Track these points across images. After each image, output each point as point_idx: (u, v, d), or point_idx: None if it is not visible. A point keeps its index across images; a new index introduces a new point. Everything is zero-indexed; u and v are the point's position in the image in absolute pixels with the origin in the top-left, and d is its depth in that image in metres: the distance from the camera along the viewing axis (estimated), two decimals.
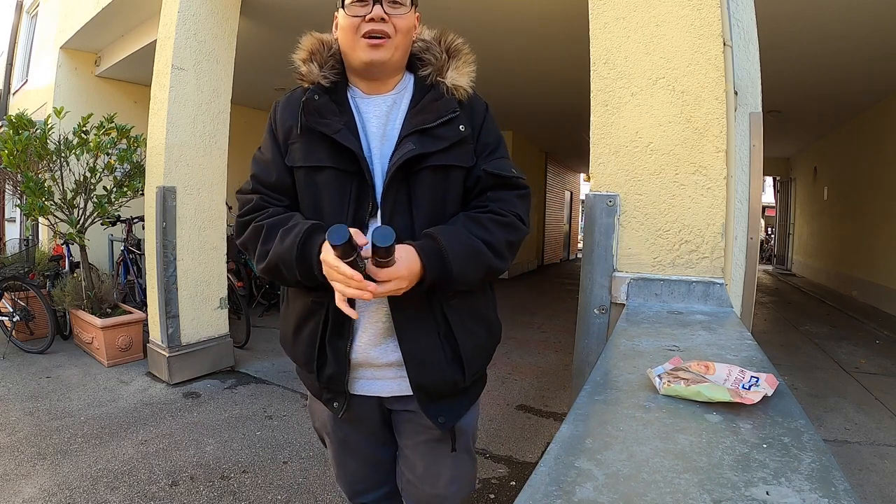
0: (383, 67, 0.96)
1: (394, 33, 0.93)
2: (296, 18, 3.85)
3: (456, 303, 0.97)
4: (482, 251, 0.91)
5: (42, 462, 2.22)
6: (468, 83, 1.00)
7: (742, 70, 1.54)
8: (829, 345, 4.43)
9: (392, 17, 0.92)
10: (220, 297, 3.51)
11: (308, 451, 2.40)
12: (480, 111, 1.03)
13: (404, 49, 0.97)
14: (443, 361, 0.96)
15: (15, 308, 3.88)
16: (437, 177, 0.95)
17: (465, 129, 0.96)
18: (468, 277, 0.90)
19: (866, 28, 3.69)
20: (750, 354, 0.94)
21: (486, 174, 0.98)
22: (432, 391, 0.97)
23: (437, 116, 0.94)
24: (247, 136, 6.93)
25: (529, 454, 2.43)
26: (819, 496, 0.48)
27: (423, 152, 0.92)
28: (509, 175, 0.99)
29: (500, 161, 1.00)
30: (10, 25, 7.27)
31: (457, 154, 0.96)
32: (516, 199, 0.99)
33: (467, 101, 1.00)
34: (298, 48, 1.04)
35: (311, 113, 0.96)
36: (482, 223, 0.93)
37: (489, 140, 1.01)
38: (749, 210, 1.56)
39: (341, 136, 0.93)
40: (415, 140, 0.93)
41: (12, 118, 3.53)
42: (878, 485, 2.12)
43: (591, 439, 0.61)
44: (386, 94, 1.01)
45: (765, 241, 13.21)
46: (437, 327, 0.96)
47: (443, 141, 0.94)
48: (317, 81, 0.99)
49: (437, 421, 0.99)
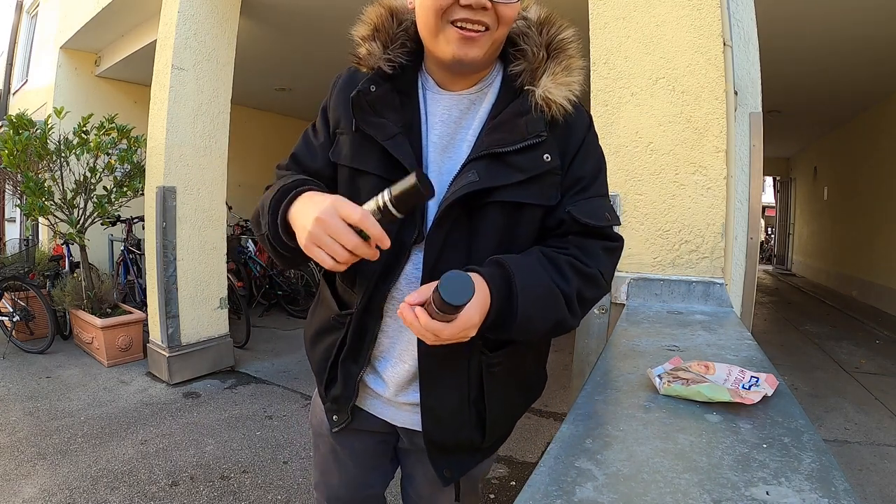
0: (473, 65, 0.76)
1: (495, 25, 0.71)
2: (296, 18, 3.85)
3: (500, 370, 0.82)
4: (557, 298, 0.72)
5: (42, 462, 2.22)
6: (567, 97, 0.76)
7: (742, 70, 1.54)
8: (829, 345, 4.43)
9: (498, 4, 0.69)
10: (220, 297, 3.51)
11: (308, 451, 2.39)
12: (579, 133, 0.79)
13: (501, 43, 0.76)
14: (465, 426, 0.84)
15: (15, 308, 3.88)
16: (506, 214, 0.76)
17: (552, 160, 0.75)
18: (532, 326, 0.70)
19: (866, 28, 3.69)
20: (750, 354, 0.94)
21: (572, 219, 0.77)
22: (445, 448, 0.86)
23: (517, 139, 0.74)
24: (247, 136, 6.96)
25: (529, 454, 2.43)
26: (819, 496, 0.48)
27: (488, 186, 0.73)
28: (599, 225, 0.78)
29: (592, 202, 0.79)
30: (10, 25, 7.27)
31: (536, 190, 0.76)
32: (602, 252, 0.78)
33: (563, 120, 0.76)
34: (360, 21, 0.82)
35: (364, 108, 0.78)
36: (560, 267, 0.74)
37: (584, 173, 0.79)
38: (749, 210, 1.56)
39: (393, 144, 0.76)
40: (483, 167, 0.74)
41: (12, 118, 3.53)
42: (878, 485, 2.12)
43: (591, 439, 0.61)
44: (463, 91, 0.80)
45: (765, 241, 13.21)
46: (467, 391, 0.82)
47: (518, 173, 0.74)
48: (377, 66, 0.79)
49: (441, 473, 0.87)
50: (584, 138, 0.80)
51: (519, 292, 0.68)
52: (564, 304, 0.72)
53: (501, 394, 0.84)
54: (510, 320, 0.69)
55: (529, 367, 0.90)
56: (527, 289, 0.69)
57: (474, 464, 0.90)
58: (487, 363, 0.81)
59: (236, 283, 4.31)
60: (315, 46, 4.41)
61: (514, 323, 0.69)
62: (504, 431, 0.91)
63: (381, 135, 0.77)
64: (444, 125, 0.80)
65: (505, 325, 0.70)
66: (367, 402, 0.91)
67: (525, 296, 0.69)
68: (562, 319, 0.73)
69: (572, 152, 0.79)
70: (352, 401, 0.89)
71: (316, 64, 4.87)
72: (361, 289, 0.82)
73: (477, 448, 0.88)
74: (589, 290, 0.76)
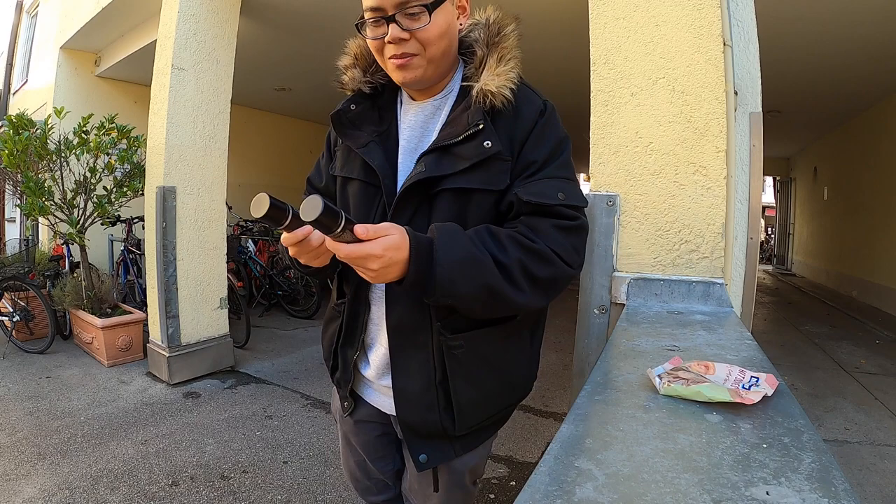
0: (420, 83, 0.86)
1: (421, 49, 0.81)
2: (296, 18, 3.85)
3: (462, 352, 0.84)
4: (485, 265, 0.74)
5: (42, 462, 2.22)
6: (504, 86, 0.81)
7: (742, 70, 1.54)
8: (829, 345, 4.43)
9: (414, 31, 0.79)
10: (220, 297, 3.51)
11: (308, 451, 2.40)
12: (529, 118, 0.83)
13: (441, 57, 0.84)
14: (433, 408, 0.87)
15: (15, 308, 3.88)
16: (458, 201, 0.82)
17: (493, 146, 0.80)
18: (456, 290, 0.73)
19: (866, 28, 3.69)
20: (750, 354, 0.94)
21: (520, 200, 0.80)
22: (416, 430, 0.90)
23: (461, 131, 0.81)
24: (247, 136, 6.96)
25: (529, 454, 2.43)
26: (819, 496, 0.48)
27: (434, 175, 0.81)
28: (549, 203, 0.80)
29: (541, 182, 0.81)
30: (10, 25, 7.27)
31: (481, 176, 0.81)
32: (554, 230, 0.79)
33: (511, 108, 0.82)
34: (343, 53, 0.95)
35: (345, 124, 0.91)
36: (499, 238, 0.77)
37: (536, 156, 0.82)
38: (749, 210, 1.56)
39: (366, 151, 0.88)
40: (432, 160, 0.82)
41: (12, 118, 3.53)
42: (878, 485, 2.12)
43: (591, 439, 0.61)
44: (428, 100, 0.90)
45: (765, 241, 13.21)
46: (433, 373, 0.86)
47: (463, 161, 0.80)
48: (358, 88, 0.92)
49: (417, 459, 0.90)
50: (534, 125, 0.83)
51: (438, 250, 0.72)
52: (497, 273, 0.74)
53: (468, 378, 0.86)
54: (430, 278, 0.72)
55: (505, 355, 0.90)
56: (447, 249, 0.72)
57: (452, 453, 0.92)
58: (448, 345, 0.84)
59: (236, 283, 4.31)
60: (315, 46, 4.42)
61: (435, 282, 0.72)
62: (478, 420, 0.90)
63: (356, 144, 0.89)
64: (411, 130, 0.91)
65: (427, 283, 0.73)
66: (362, 388, 1.01)
67: (444, 255, 0.72)
68: (493, 287, 0.74)
69: (521, 138, 0.83)
70: (350, 384, 0.98)
71: (316, 64, 4.87)
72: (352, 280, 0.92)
73: (451, 436, 0.90)
74: (538, 266, 0.77)
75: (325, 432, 2.60)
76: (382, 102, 0.94)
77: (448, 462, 0.94)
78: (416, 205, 0.84)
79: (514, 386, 0.95)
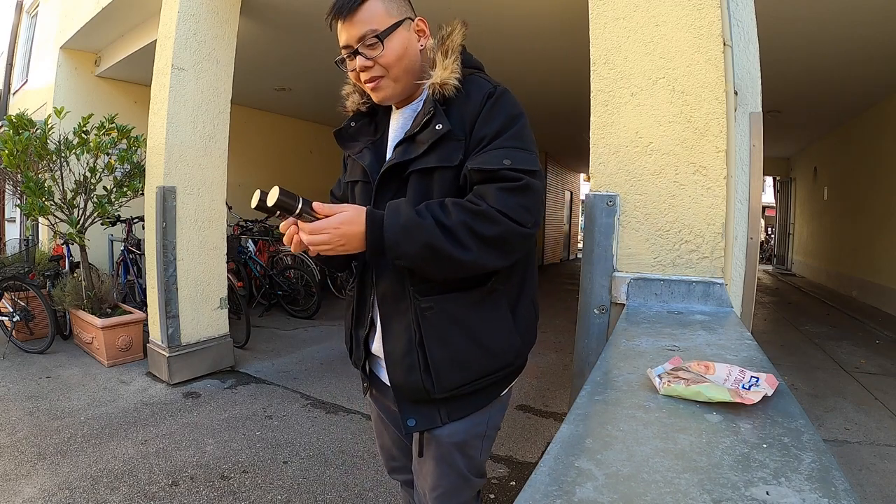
0: (394, 98, 1.01)
1: (385, 71, 0.97)
2: (296, 19, 3.85)
3: (432, 314, 0.94)
4: (426, 226, 0.85)
5: (42, 462, 2.22)
6: (449, 78, 0.95)
7: (742, 70, 1.54)
8: (829, 345, 4.43)
9: (376, 58, 0.95)
10: (220, 297, 3.51)
11: (308, 451, 2.40)
12: (477, 100, 0.94)
13: (405, 74, 0.98)
14: (415, 368, 0.96)
15: (15, 308, 3.88)
16: (424, 180, 0.95)
17: (443, 127, 0.92)
18: (402, 250, 0.86)
19: (866, 28, 3.69)
20: (750, 354, 0.94)
21: (470, 171, 0.91)
22: (404, 392, 0.99)
23: (420, 122, 0.95)
24: (247, 136, 6.96)
25: (529, 454, 2.43)
26: (819, 496, 0.48)
27: (400, 160, 0.95)
28: (492, 168, 0.88)
29: (489, 154, 0.90)
30: (10, 25, 7.27)
31: (437, 155, 0.93)
32: (498, 191, 0.87)
33: (460, 94, 0.95)
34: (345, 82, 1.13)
35: (346, 138, 1.11)
36: (444, 205, 0.88)
37: (486, 132, 0.92)
38: (749, 210, 1.56)
39: (361, 155, 1.05)
40: (400, 150, 0.97)
41: (12, 118, 3.53)
42: (878, 485, 2.12)
43: (591, 439, 0.61)
44: (405, 108, 1.06)
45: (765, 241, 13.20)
46: (413, 334, 0.96)
47: (422, 146, 0.93)
48: (357, 108, 1.11)
49: (406, 422, 1.00)
50: (483, 105, 0.94)
51: (385, 218, 0.86)
52: (438, 233, 0.85)
53: (439, 338, 0.95)
54: (381, 242, 0.86)
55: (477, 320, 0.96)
56: (392, 217, 0.86)
57: (437, 419, 0.99)
58: (419, 307, 0.95)
59: (236, 283, 4.31)
60: (315, 46, 4.41)
61: (384, 245, 0.86)
62: (458, 382, 0.96)
63: (353, 152, 1.08)
64: (395, 133, 1.06)
65: (382, 249, 0.87)
66: (376, 367, 1.10)
67: (389, 221, 0.86)
68: (433, 245, 0.84)
69: (472, 118, 0.94)
70: (362, 361, 1.09)
71: (316, 64, 4.87)
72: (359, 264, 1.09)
73: (434, 399, 0.97)
74: (483, 226, 0.86)
75: (325, 432, 2.60)
76: (379, 117, 1.11)
77: (434, 430, 1.00)
78: (394, 188, 0.98)
79: (492, 353, 0.98)
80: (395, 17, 0.96)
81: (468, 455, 1.04)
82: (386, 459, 1.27)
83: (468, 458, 1.04)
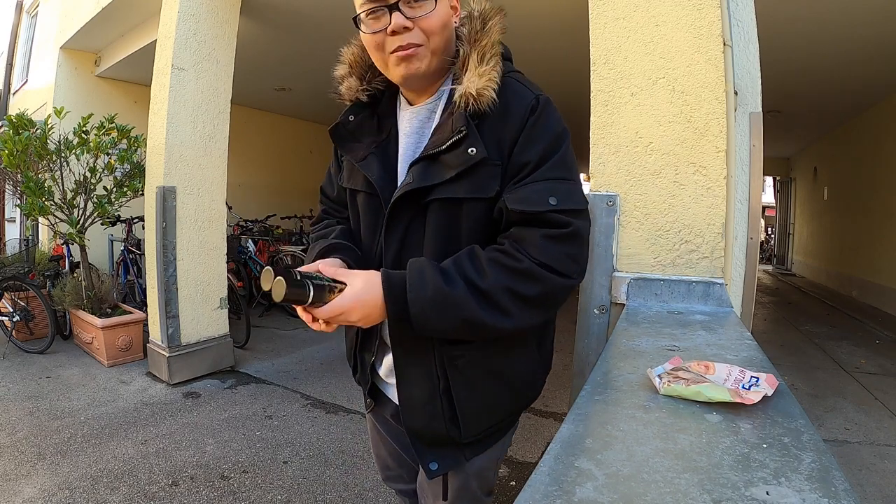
0: (423, 79, 0.82)
1: (425, 39, 0.78)
2: (296, 18, 3.85)
3: (463, 363, 0.82)
4: (458, 298, 0.72)
5: (42, 462, 2.22)
6: (485, 87, 0.76)
7: (742, 70, 1.54)
8: (829, 345, 4.42)
9: (418, 20, 0.76)
10: (220, 297, 3.51)
11: (308, 451, 2.40)
12: (518, 117, 0.78)
13: (444, 49, 0.81)
14: (438, 416, 0.85)
15: (15, 308, 3.88)
16: (449, 211, 0.79)
17: (478, 153, 0.75)
18: (433, 326, 0.74)
19: (866, 28, 3.69)
20: (750, 354, 0.94)
21: (507, 208, 0.76)
22: (423, 437, 0.89)
23: (446, 138, 0.77)
24: (247, 136, 6.96)
25: (529, 454, 2.43)
26: (819, 496, 0.48)
27: (421, 186, 0.78)
28: (537, 210, 0.74)
29: (531, 188, 0.76)
30: (10, 25, 7.27)
31: (468, 184, 0.77)
32: (542, 240, 0.74)
33: (497, 108, 0.77)
34: (338, 62, 0.92)
35: (344, 137, 0.90)
36: (478, 261, 0.75)
37: (528, 157, 0.77)
38: (749, 210, 1.56)
39: (366, 163, 0.87)
40: (419, 170, 0.80)
41: (12, 118, 3.53)
42: (878, 485, 2.12)
43: (591, 439, 0.61)
44: (423, 103, 0.87)
45: (765, 241, 13.20)
46: (437, 381, 0.84)
47: (449, 170, 0.77)
48: (356, 98, 0.90)
49: (427, 467, 0.88)
50: (524, 123, 0.77)
51: (409, 290, 0.73)
52: (474, 304, 0.73)
53: (471, 387, 0.85)
54: (405, 315, 0.74)
55: (510, 364, 0.88)
56: (417, 288, 0.73)
57: (462, 459, 0.90)
58: (449, 355, 0.83)
59: (236, 283, 4.31)
60: (315, 46, 4.42)
61: (411, 320, 0.74)
62: (486, 426, 0.89)
63: (355, 158, 0.88)
64: (408, 137, 0.88)
65: (408, 323, 0.75)
66: (383, 385, 1.01)
67: (416, 294, 0.73)
68: (470, 319, 0.73)
69: (511, 139, 0.78)
70: (368, 384, 1.00)
71: (316, 64, 4.87)
72: None
73: (458, 443, 0.88)
74: (526, 286, 0.74)
75: (325, 432, 2.60)
76: (381, 109, 0.92)
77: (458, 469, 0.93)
78: (409, 217, 0.82)
79: (520, 392, 0.92)
80: None
81: (484, 478, 1.00)
82: (381, 468, 1.19)
83: (483, 481, 1.00)
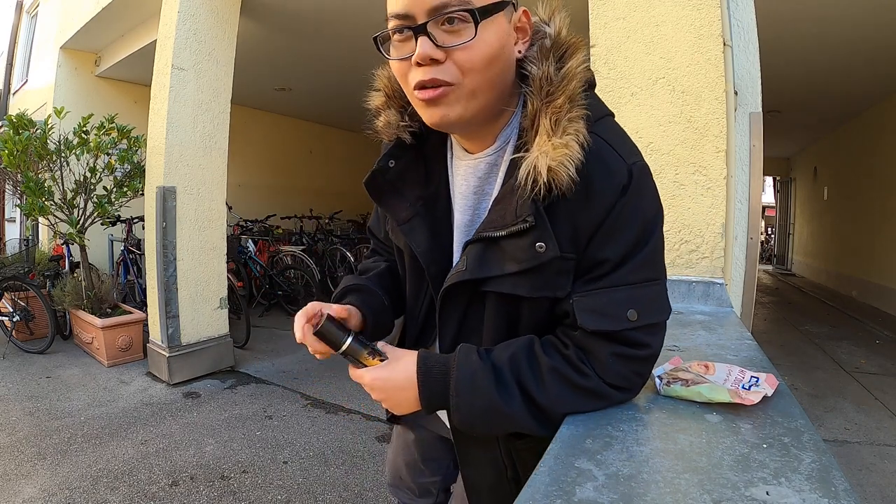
0: (463, 127, 0.63)
1: (459, 77, 0.58)
2: (296, 19, 3.85)
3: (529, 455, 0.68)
4: (513, 414, 0.62)
5: (42, 462, 2.22)
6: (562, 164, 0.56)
7: (742, 70, 1.54)
8: (829, 345, 4.42)
9: (451, 50, 0.57)
10: (220, 297, 3.51)
11: (308, 451, 2.40)
12: (604, 199, 0.59)
13: (488, 90, 0.60)
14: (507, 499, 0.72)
15: (15, 308, 3.88)
16: (506, 304, 0.66)
17: (548, 250, 0.59)
18: (478, 432, 0.66)
19: (866, 29, 3.69)
20: (750, 354, 0.94)
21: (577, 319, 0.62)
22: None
23: (507, 222, 0.61)
24: (247, 136, 6.96)
25: None
26: (819, 496, 0.48)
27: (476, 277, 0.64)
28: (610, 330, 0.61)
29: (608, 295, 0.61)
30: (10, 25, 7.27)
31: (536, 281, 0.62)
32: (612, 358, 0.62)
33: (578, 187, 0.58)
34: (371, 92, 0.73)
35: (384, 190, 0.72)
36: (538, 368, 0.63)
37: (608, 254, 0.61)
38: (749, 210, 1.56)
39: (409, 228, 0.70)
40: (475, 253, 0.64)
41: (12, 118, 3.53)
42: (878, 485, 2.12)
43: (591, 439, 0.61)
44: (480, 154, 0.68)
45: (765, 241, 13.20)
46: (503, 468, 0.75)
47: (512, 263, 0.62)
48: (396, 137, 0.71)
49: None
50: (609, 210, 0.59)
51: (454, 395, 0.63)
52: (527, 416, 0.62)
53: None
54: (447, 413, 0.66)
55: None
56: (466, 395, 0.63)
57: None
58: (514, 447, 0.73)
59: (236, 283, 4.31)
60: (315, 46, 4.41)
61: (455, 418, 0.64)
62: None
63: (397, 219, 0.71)
64: (464, 198, 0.70)
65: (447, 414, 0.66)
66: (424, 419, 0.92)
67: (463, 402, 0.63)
68: (524, 429, 0.64)
69: (591, 228, 0.60)
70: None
71: (316, 64, 4.87)
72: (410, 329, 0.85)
73: None
74: (584, 403, 0.64)
75: (325, 432, 2.60)
76: (428, 149, 0.72)
77: None
78: (464, 303, 0.69)
79: None
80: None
81: None
82: (391, 475, 1.10)
83: None
